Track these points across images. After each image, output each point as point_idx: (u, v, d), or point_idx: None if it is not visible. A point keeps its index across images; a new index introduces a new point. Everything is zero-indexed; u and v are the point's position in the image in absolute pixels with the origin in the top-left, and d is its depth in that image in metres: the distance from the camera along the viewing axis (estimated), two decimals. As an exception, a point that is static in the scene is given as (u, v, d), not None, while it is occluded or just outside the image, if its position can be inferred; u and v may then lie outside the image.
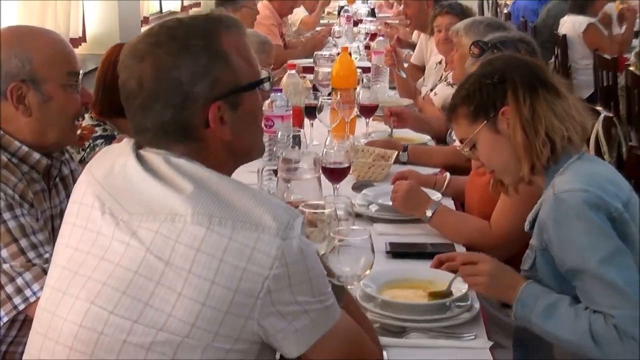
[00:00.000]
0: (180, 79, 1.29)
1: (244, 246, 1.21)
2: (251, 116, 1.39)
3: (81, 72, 1.92)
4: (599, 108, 3.29)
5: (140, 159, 1.32)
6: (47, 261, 1.65)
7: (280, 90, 2.95)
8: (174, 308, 1.21)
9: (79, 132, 2.22)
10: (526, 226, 1.91)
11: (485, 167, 1.97)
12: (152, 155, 1.32)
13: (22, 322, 1.79)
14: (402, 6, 6.19)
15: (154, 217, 1.25)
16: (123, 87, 1.34)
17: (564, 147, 1.85)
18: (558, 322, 1.75)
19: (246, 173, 2.44)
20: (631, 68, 4.70)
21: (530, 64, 1.96)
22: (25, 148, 1.84)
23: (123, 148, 1.36)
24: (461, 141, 1.99)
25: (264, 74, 1.42)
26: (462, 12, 4.11)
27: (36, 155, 1.85)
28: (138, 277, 1.23)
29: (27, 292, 1.71)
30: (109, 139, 2.72)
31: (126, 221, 1.27)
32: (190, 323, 1.21)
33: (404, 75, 4.22)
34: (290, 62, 3.62)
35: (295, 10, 6.76)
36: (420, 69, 4.93)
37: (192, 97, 1.30)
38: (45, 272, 1.59)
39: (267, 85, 1.41)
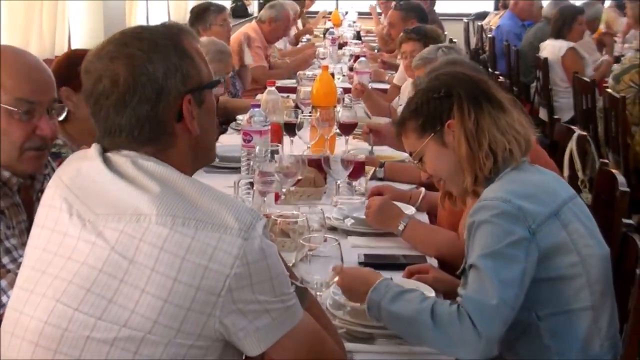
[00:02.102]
0: (154, 73, 1.34)
1: (206, 245, 1.25)
2: (211, 114, 1.45)
3: (54, 101, 1.84)
4: (573, 127, 3.34)
5: (106, 161, 1.35)
6: None
7: (259, 106, 2.99)
8: (137, 304, 1.24)
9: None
10: (464, 234, 1.95)
11: (433, 178, 2.04)
12: (119, 158, 1.35)
13: None
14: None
15: (120, 217, 1.28)
16: (93, 89, 1.36)
17: (505, 159, 1.92)
18: (404, 303, 1.75)
19: (223, 188, 2.49)
20: (609, 90, 4.78)
21: (476, 79, 2.04)
22: None
23: (89, 152, 1.39)
24: (410, 154, 2.07)
25: (215, 76, 1.50)
26: (425, 36, 4.19)
27: (6, 174, 1.84)
28: (102, 275, 1.26)
29: (4, 299, 1.73)
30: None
31: (92, 222, 1.30)
32: (153, 319, 1.24)
33: (370, 118, 4.25)
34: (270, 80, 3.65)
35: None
36: (402, 90, 4.99)
37: (166, 91, 1.35)
38: None
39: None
